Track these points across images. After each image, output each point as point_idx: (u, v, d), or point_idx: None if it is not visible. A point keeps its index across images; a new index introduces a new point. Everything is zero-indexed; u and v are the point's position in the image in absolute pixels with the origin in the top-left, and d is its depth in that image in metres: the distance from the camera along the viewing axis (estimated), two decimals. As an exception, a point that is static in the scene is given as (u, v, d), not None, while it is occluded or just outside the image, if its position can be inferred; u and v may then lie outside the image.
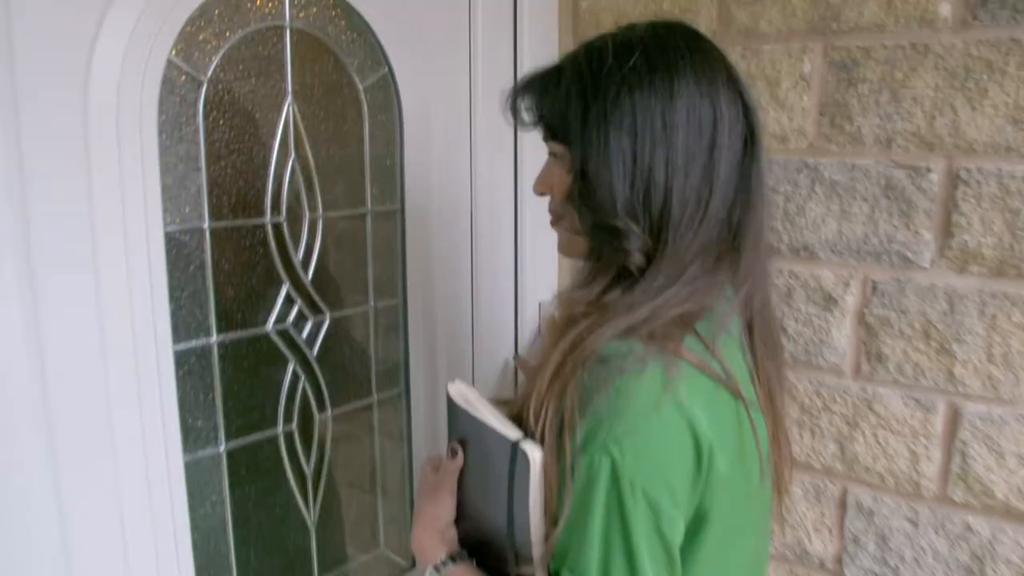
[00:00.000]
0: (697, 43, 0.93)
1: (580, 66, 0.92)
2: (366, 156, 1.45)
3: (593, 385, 0.84)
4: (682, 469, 0.84)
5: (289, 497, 1.43)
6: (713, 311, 0.92)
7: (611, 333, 0.87)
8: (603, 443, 0.82)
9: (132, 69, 1.10)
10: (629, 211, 0.90)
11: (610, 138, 0.89)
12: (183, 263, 1.22)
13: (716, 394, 0.89)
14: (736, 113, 0.92)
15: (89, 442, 1.12)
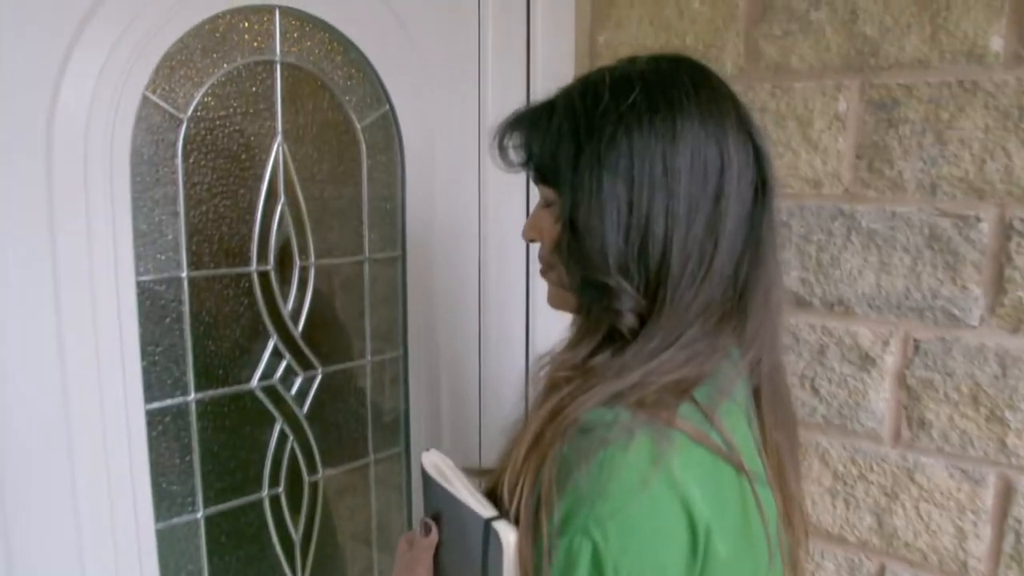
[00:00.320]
0: (704, 79, 0.83)
1: (573, 102, 0.83)
2: (364, 199, 1.34)
3: (574, 458, 0.74)
4: (674, 555, 0.74)
5: (275, 565, 1.31)
6: (715, 377, 0.82)
7: (596, 400, 0.77)
8: (584, 524, 0.72)
9: (102, 107, 1.02)
10: (622, 267, 0.81)
11: (603, 184, 0.79)
12: (158, 315, 1.12)
13: (715, 468, 0.79)
14: (746, 158, 0.83)
15: (49, 508, 1.02)
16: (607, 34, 1.55)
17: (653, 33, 1.49)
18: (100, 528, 1.07)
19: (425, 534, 0.91)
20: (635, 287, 0.81)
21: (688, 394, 0.79)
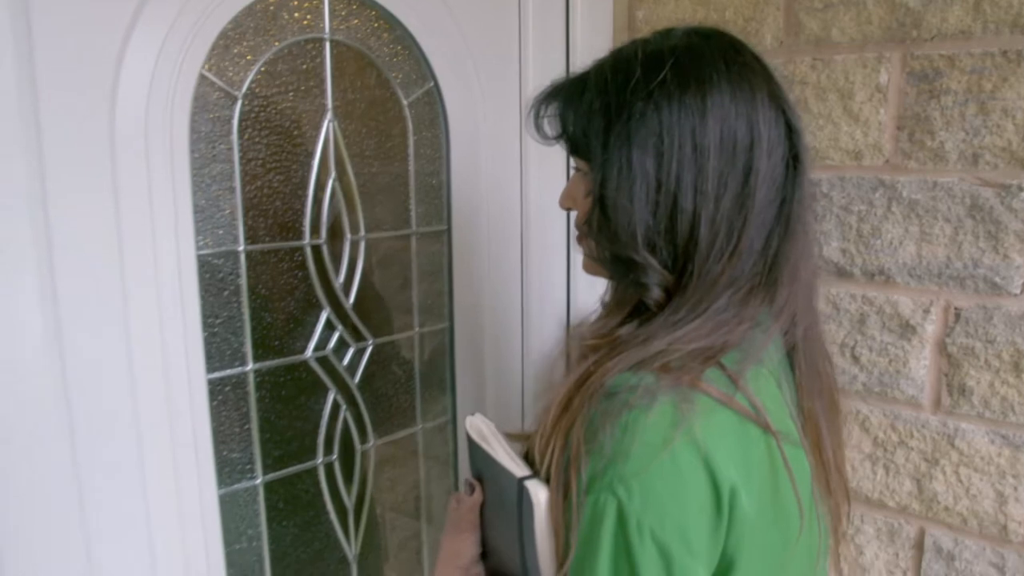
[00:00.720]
0: (736, 55, 0.82)
1: (606, 77, 0.82)
2: (410, 174, 1.35)
3: (599, 421, 0.76)
4: (697, 513, 0.75)
5: (329, 530, 1.34)
6: (743, 345, 0.82)
7: (622, 366, 0.79)
8: (609, 483, 0.74)
9: (161, 85, 1.03)
10: (649, 243, 0.81)
11: (632, 160, 0.79)
12: (217, 288, 1.14)
13: (742, 430, 0.79)
14: (778, 134, 0.82)
15: (118, 477, 1.04)
16: (645, 9, 1.54)
17: (692, 8, 1.48)
18: (166, 494, 1.09)
19: (469, 493, 0.93)
20: (662, 262, 0.82)
21: (714, 360, 0.80)
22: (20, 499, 0.96)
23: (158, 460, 1.08)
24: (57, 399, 0.97)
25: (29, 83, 0.91)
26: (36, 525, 0.98)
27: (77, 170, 0.96)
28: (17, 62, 0.90)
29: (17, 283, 0.93)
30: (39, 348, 0.95)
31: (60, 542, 1.00)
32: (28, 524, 0.97)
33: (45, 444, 0.97)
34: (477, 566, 0.93)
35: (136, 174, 1.01)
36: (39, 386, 0.96)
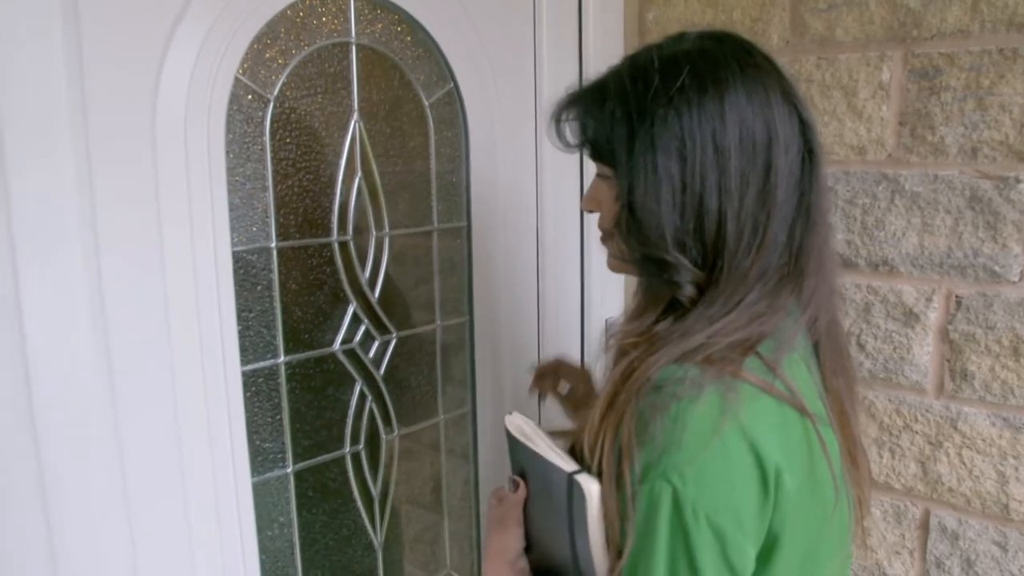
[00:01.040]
0: (748, 57, 0.85)
1: (625, 85, 0.85)
2: (432, 172, 1.40)
3: (649, 413, 0.79)
4: (747, 494, 0.79)
5: (356, 518, 1.38)
6: (777, 333, 0.85)
7: (666, 360, 0.82)
8: (663, 471, 0.77)
9: (199, 88, 1.06)
10: (679, 243, 0.84)
11: (658, 166, 0.82)
12: (251, 283, 1.18)
13: (781, 414, 0.83)
14: (792, 131, 0.85)
15: (159, 464, 1.08)
16: (656, 11, 1.59)
17: (701, 9, 1.53)
18: (203, 482, 1.12)
19: (514, 490, 0.95)
20: (692, 260, 0.85)
21: (752, 350, 0.83)
22: (67, 487, 0.99)
23: (196, 449, 1.11)
24: (103, 390, 1.01)
25: (77, 84, 0.95)
26: (83, 509, 1.01)
27: (121, 169, 1.00)
28: (68, 65, 0.94)
29: (67, 278, 0.96)
30: (87, 342, 0.99)
31: (105, 525, 1.03)
32: (75, 508, 1.00)
33: (91, 433, 1.01)
34: (522, 559, 0.95)
35: (176, 174, 1.05)
36: (86, 378, 0.99)
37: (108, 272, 1.00)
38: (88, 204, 0.97)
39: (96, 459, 1.02)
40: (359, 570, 1.40)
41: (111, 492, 1.03)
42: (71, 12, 0.93)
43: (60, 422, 0.98)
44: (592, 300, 1.66)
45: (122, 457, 1.04)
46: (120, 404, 1.03)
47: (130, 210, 1.01)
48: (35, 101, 0.92)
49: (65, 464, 0.99)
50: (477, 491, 1.55)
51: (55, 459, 0.98)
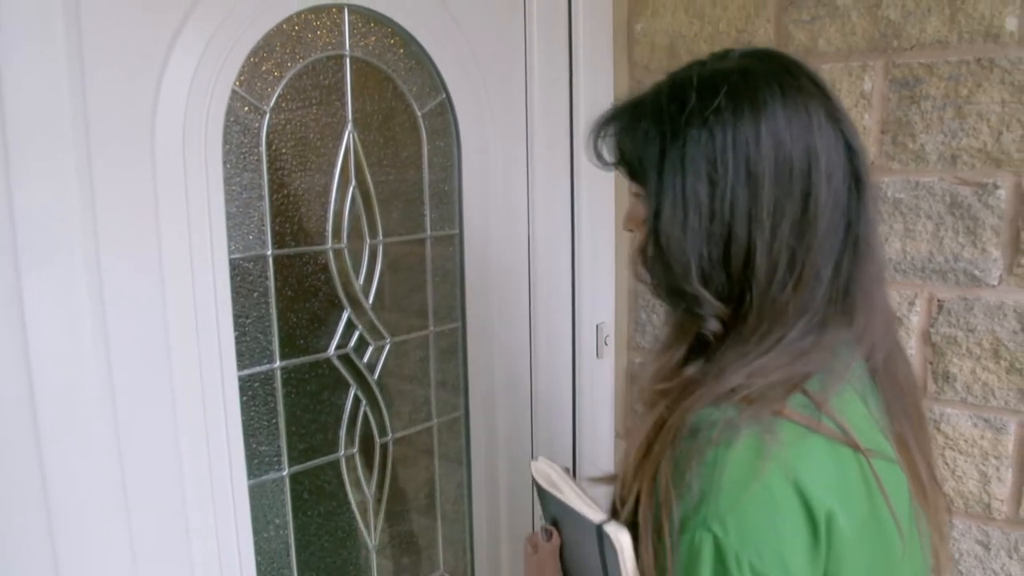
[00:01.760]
0: (791, 79, 0.81)
1: (660, 104, 0.82)
2: (425, 181, 1.43)
3: (684, 460, 0.76)
4: (795, 540, 0.74)
5: (350, 520, 1.41)
6: (824, 371, 0.81)
7: (701, 403, 0.79)
8: (703, 520, 0.74)
9: (198, 100, 1.10)
10: (703, 274, 0.81)
11: (686, 188, 0.79)
12: (247, 290, 1.21)
13: (833, 453, 0.78)
14: (838, 157, 0.80)
15: (157, 466, 1.11)
16: (644, 23, 1.63)
17: (688, 21, 1.57)
18: (200, 484, 1.16)
19: (547, 539, 0.94)
20: (716, 293, 0.81)
21: (798, 388, 0.79)
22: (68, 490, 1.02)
23: (193, 452, 1.14)
24: (103, 395, 1.04)
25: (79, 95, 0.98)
26: (84, 511, 1.04)
27: (122, 179, 1.04)
28: (71, 78, 0.97)
29: (69, 284, 1.00)
30: (88, 346, 1.02)
31: (105, 527, 1.06)
32: (76, 510, 1.03)
33: (91, 436, 1.04)
34: None
35: (174, 183, 1.08)
36: (87, 383, 1.03)
37: (108, 279, 1.03)
38: (89, 212, 1.01)
39: (96, 461, 1.05)
40: (354, 572, 1.43)
41: (111, 493, 1.06)
42: (74, 26, 0.97)
43: (62, 426, 1.01)
44: (583, 306, 1.70)
45: (121, 459, 1.07)
46: (120, 407, 1.06)
47: (130, 218, 1.05)
48: (39, 112, 0.96)
49: (66, 467, 1.02)
50: (470, 494, 1.58)
51: (57, 461, 1.01)
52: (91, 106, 1.00)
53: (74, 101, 0.98)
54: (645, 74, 1.65)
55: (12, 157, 0.94)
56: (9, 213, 0.94)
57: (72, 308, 1.01)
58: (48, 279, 0.98)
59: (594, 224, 1.70)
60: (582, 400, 1.75)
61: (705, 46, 1.55)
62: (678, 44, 1.58)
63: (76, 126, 0.99)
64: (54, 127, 0.97)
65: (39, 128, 0.96)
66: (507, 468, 1.62)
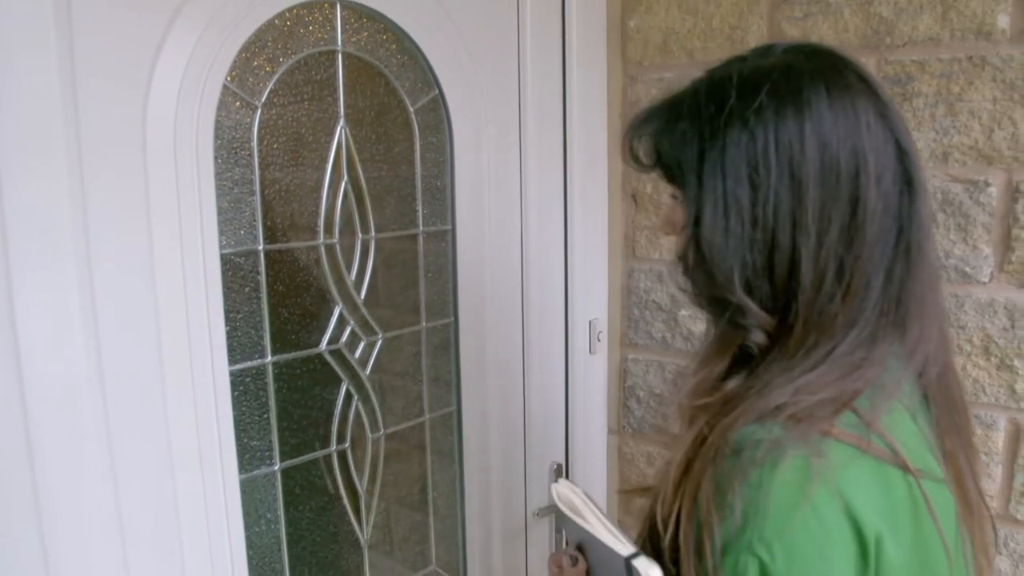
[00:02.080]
0: (838, 76, 0.77)
1: (699, 104, 0.79)
2: (417, 177, 1.44)
3: (726, 481, 0.73)
4: (844, 566, 0.72)
5: (342, 515, 1.42)
6: (875, 385, 0.78)
7: (744, 420, 0.76)
8: (748, 543, 0.71)
9: (188, 95, 1.11)
10: (746, 283, 0.78)
11: (727, 193, 0.76)
12: (238, 285, 1.22)
13: (882, 474, 0.76)
14: (888, 159, 0.77)
15: (148, 461, 1.12)
16: (637, 19, 1.63)
17: (681, 17, 1.57)
18: (192, 479, 1.16)
19: (573, 564, 0.92)
20: (761, 303, 0.78)
21: (847, 406, 0.76)
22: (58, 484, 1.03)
23: (185, 446, 1.15)
24: (95, 389, 1.05)
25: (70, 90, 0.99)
26: (75, 504, 1.05)
27: (113, 174, 1.04)
28: (61, 75, 0.98)
29: (60, 279, 1.00)
30: (79, 341, 1.03)
31: (95, 521, 1.07)
32: (66, 503, 1.04)
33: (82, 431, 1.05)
34: None
35: (166, 178, 1.09)
36: (78, 378, 1.03)
37: (99, 274, 1.04)
38: (80, 208, 1.01)
39: (87, 456, 1.05)
40: (345, 567, 1.44)
41: (102, 487, 1.07)
42: (64, 24, 0.98)
43: (52, 421, 1.01)
44: (576, 301, 1.70)
45: (112, 453, 1.08)
46: (110, 402, 1.07)
47: (121, 213, 1.05)
48: (30, 109, 0.96)
49: (57, 462, 1.02)
50: (463, 490, 1.59)
51: (47, 457, 1.01)
52: (82, 103, 1.00)
53: (65, 96, 0.98)
54: (639, 70, 1.65)
55: (4, 155, 0.94)
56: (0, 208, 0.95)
57: (63, 303, 1.01)
58: (38, 275, 0.99)
59: (587, 220, 1.71)
60: (575, 396, 1.75)
61: (698, 42, 1.56)
62: (671, 40, 1.59)
63: (67, 122, 0.99)
64: (45, 123, 0.97)
65: (30, 125, 0.96)
66: (500, 463, 1.63)
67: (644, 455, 1.79)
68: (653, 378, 1.75)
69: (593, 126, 1.69)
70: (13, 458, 0.99)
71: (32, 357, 0.99)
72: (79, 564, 1.06)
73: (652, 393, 1.76)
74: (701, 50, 1.56)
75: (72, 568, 1.05)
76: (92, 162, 1.02)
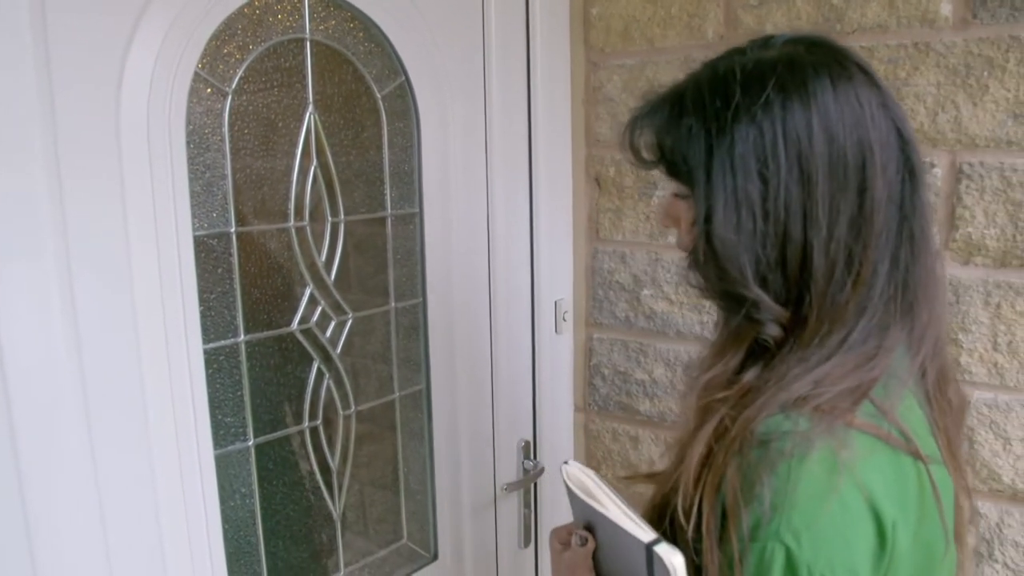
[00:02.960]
0: (841, 69, 0.80)
1: (703, 99, 0.81)
2: (385, 162, 1.50)
3: (754, 471, 0.76)
4: (864, 552, 0.76)
5: (315, 490, 1.48)
6: (889, 373, 0.81)
7: (766, 413, 0.78)
8: (775, 531, 0.74)
9: (161, 82, 1.15)
10: (760, 277, 0.80)
11: (737, 189, 0.78)
12: (211, 266, 1.27)
13: (896, 463, 0.80)
14: (891, 150, 0.79)
15: (126, 438, 1.17)
16: (599, 6, 1.70)
17: (641, 5, 1.64)
18: (168, 454, 1.21)
19: (582, 544, 0.93)
20: (775, 296, 0.80)
21: (865, 396, 0.79)
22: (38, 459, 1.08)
23: (161, 423, 1.20)
24: (72, 366, 1.10)
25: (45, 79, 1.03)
26: (54, 478, 1.10)
27: (88, 159, 1.08)
28: (35, 60, 1.02)
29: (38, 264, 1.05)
30: (57, 322, 1.08)
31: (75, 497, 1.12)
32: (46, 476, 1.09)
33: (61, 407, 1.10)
34: None
35: (139, 163, 1.13)
36: (57, 356, 1.08)
37: (76, 256, 1.08)
38: (56, 192, 1.05)
39: (65, 430, 1.10)
40: (319, 540, 1.50)
41: (81, 462, 1.12)
42: (39, 12, 1.02)
43: (31, 399, 1.06)
44: (542, 282, 1.78)
45: (90, 429, 1.12)
46: (88, 380, 1.11)
47: (96, 198, 1.10)
48: (4, 97, 1.00)
49: (36, 436, 1.07)
50: (433, 466, 1.65)
51: (27, 431, 1.06)
52: (56, 93, 1.04)
53: (40, 83, 1.03)
54: (601, 56, 1.72)
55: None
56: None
57: (42, 286, 1.06)
58: (17, 258, 1.03)
59: (553, 204, 1.78)
60: (542, 375, 1.82)
61: (658, 30, 1.62)
62: (632, 28, 1.66)
63: (43, 110, 1.03)
64: (19, 109, 1.02)
65: (4, 113, 1.00)
66: (468, 440, 1.70)
67: (609, 432, 1.87)
68: (617, 356, 1.82)
69: (557, 112, 1.76)
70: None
71: (10, 335, 1.03)
72: (59, 536, 1.11)
73: (616, 371, 1.83)
74: (661, 37, 1.63)
75: (51, 539, 1.10)
76: (67, 147, 1.06)
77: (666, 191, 0.90)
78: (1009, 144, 1.34)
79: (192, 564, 1.26)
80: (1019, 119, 1.32)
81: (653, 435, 1.81)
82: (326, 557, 1.51)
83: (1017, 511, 1.41)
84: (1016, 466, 1.40)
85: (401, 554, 1.66)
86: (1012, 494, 1.41)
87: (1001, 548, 1.43)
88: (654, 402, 1.79)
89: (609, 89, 1.72)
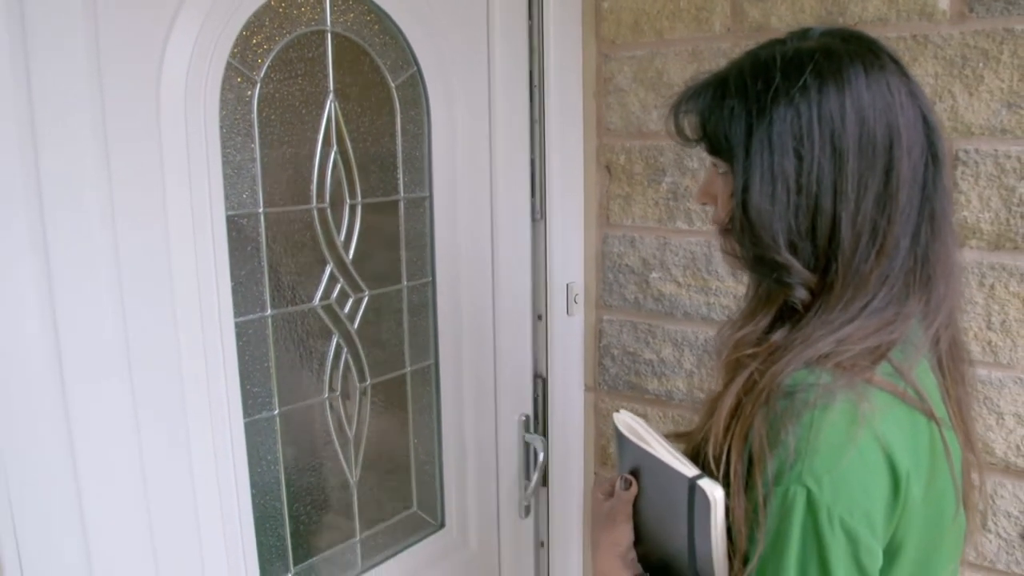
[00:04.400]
0: (874, 58, 0.91)
1: (745, 82, 0.92)
2: (398, 148, 1.68)
3: (780, 420, 0.86)
4: (880, 499, 0.86)
5: (333, 456, 1.66)
6: (907, 338, 0.92)
7: (793, 367, 0.89)
8: (798, 475, 0.84)
9: (197, 71, 1.31)
10: (791, 244, 0.91)
11: (774, 165, 0.89)
12: (242, 244, 1.44)
13: (911, 419, 0.90)
14: (917, 134, 0.91)
15: (165, 405, 1.31)
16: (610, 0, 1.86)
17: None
18: (202, 421, 1.37)
19: (625, 488, 1.05)
20: (804, 263, 0.91)
21: (884, 356, 0.90)
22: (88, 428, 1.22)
23: (196, 392, 1.35)
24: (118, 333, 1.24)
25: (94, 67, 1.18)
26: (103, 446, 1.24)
27: (132, 143, 1.23)
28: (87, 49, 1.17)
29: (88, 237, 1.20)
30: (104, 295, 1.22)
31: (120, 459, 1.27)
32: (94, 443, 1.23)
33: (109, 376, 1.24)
34: (631, 552, 1.05)
35: (177, 146, 1.29)
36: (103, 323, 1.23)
37: (122, 236, 1.22)
38: (105, 175, 1.20)
39: (112, 399, 1.25)
40: (337, 505, 1.68)
41: (126, 425, 1.27)
42: (91, 10, 1.17)
43: (82, 362, 1.21)
44: (554, 266, 1.95)
45: (134, 395, 1.27)
46: (132, 350, 1.26)
47: (139, 178, 1.24)
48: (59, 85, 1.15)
49: (86, 399, 1.21)
50: (440, 438, 1.84)
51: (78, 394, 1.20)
52: (105, 79, 1.18)
53: (90, 77, 1.17)
54: (612, 48, 1.88)
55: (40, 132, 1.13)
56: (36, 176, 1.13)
57: (89, 262, 1.20)
58: (69, 233, 1.17)
59: (565, 191, 1.95)
60: (554, 355, 1.99)
61: (667, 22, 1.78)
62: (642, 20, 1.82)
63: (92, 98, 1.18)
64: (74, 100, 1.16)
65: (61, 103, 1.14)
66: (473, 413, 1.88)
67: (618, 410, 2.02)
68: (626, 337, 1.98)
69: (570, 102, 1.93)
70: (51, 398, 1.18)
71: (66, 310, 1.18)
72: (105, 490, 1.26)
73: (625, 351, 2.00)
74: (669, 29, 1.79)
75: (98, 493, 1.25)
76: (114, 131, 1.20)
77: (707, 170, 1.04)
78: (1003, 132, 1.48)
79: (223, 525, 1.42)
80: (1012, 108, 1.47)
81: (661, 413, 1.98)
82: (344, 521, 1.69)
83: (1009, 483, 1.56)
84: (1008, 440, 1.55)
85: (411, 521, 1.84)
86: (1004, 466, 1.56)
87: (994, 519, 1.57)
88: (662, 381, 1.95)
89: (620, 80, 1.88)
